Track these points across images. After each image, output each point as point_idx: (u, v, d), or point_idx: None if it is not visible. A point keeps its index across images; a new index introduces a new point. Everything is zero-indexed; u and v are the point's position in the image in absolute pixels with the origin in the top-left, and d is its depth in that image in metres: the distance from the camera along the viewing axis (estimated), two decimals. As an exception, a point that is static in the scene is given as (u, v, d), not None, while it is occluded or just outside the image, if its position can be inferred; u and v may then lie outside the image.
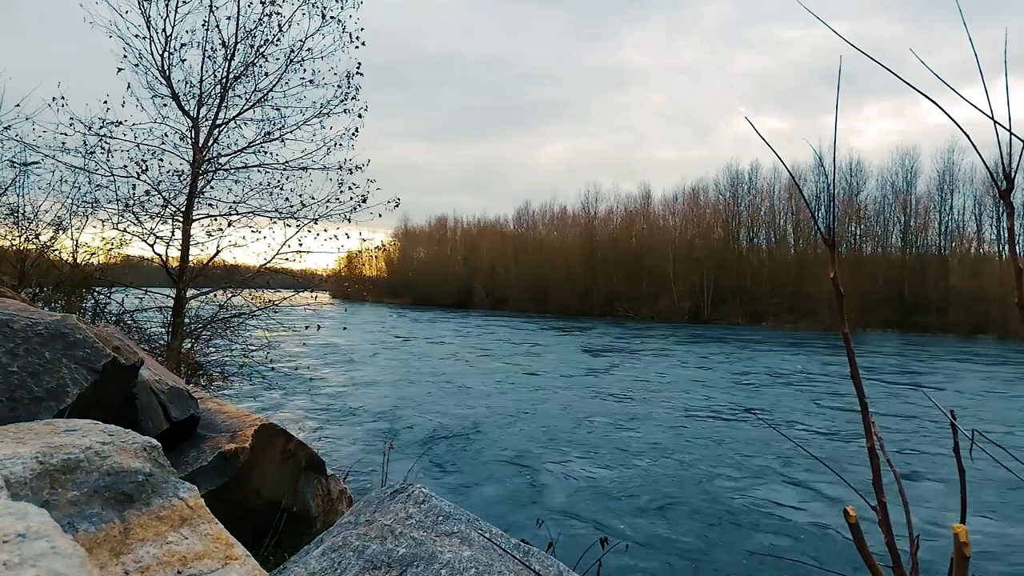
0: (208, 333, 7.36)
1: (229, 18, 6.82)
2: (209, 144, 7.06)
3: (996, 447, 0.80)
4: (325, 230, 7.36)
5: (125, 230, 6.86)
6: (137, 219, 6.86)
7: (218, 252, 7.32)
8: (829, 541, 5.08)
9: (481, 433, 8.50)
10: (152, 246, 6.93)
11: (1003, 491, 6.20)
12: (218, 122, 7.07)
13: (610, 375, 14.77)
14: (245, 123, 7.27)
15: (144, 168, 6.75)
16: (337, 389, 11.78)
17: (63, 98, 6.33)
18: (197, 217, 7.09)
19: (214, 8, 6.72)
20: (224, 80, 6.95)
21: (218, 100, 7.01)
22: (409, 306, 56.52)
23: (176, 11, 6.59)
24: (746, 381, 14.39)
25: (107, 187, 6.75)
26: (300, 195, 7.34)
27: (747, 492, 6.26)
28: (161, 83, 6.80)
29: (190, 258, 7.03)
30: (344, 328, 15.26)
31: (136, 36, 6.60)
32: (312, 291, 8.16)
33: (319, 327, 7.67)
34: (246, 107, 7.15)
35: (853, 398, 0.77)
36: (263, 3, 6.90)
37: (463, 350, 20.11)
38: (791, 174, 1.00)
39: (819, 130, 58.87)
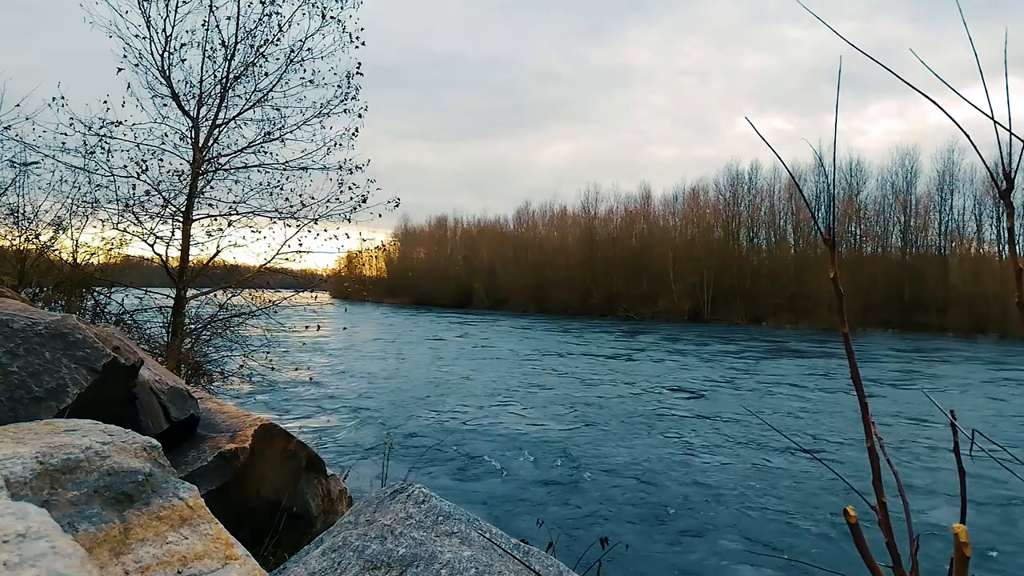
0: (208, 333, 7.36)
1: (229, 18, 6.83)
2: (209, 144, 7.06)
3: (996, 447, 0.80)
4: (325, 230, 7.37)
5: (125, 230, 6.86)
6: (137, 219, 6.86)
7: (218, 252, 7.33)
8: (829, 541, 5.07)
9: (481, 433, 8.50)
10: (152, 246, 6.94)
11: (1003, 491, 6.20)
12: (218, 122, 7.07)
13: (610, 375, 14.77)
14: (245, 123, 7.28)
15: (144, 168, 6.75)
16: (337, 389, 11.78)
17: (63, 98, 6.33)
18: (197, 217, 7.09)
19: (214, 8, 6.73)
20: (224, 80, 6.95)
21: (218, 100, 7.01)
22: (409, 306, 56.50)
23: (176, 11, 6.60)
24: (746, 380, 14.39)
25: (107, 187, 6.75)
26: (300, 195, 7.35)
27: (747, 492, 6.25)
28: (161, 83, 6.80)
29: (190, 258, 7.03)
30: (344, 328, 15.27)
31: (136, 36, 6.61)
32: (312, 291, 8.16)
33: (319, 327, 7.67)
34: (246, 107, 7.16)
35: (853, 398, 0.77)
36: (263, 3, 6.91)
37: (463, 350, 20.11)
38: (791, 174, 1.00)
39: (823, 130, 58.70)
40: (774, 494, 6.20)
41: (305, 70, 7.19)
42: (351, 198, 7.32)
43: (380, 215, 7.43)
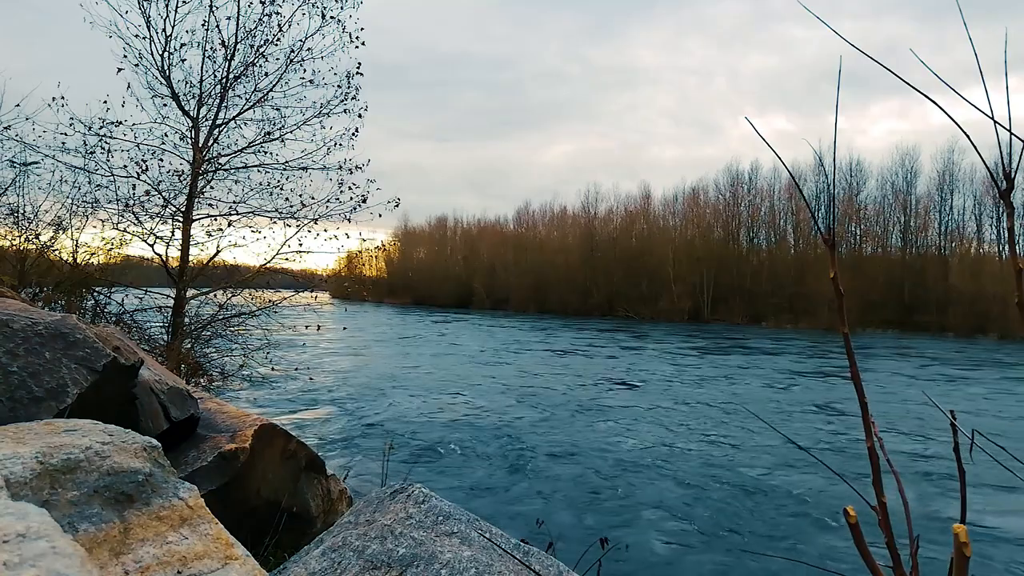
0: (208, 333, 7.37)
1: (229, 18, 6.83)
2: (209, 144, 7.07)
3: (996, 447, 0.79)
4: (325, 230, 7.38)
5: (125, 230, 6.87)
6: (137, 219, 6.87)
7: (218, 252, 7.34)
8: (829, 541, 5.07)
9: (481, 433, 8.49)
10: (152, 246, 6.95)
11: (1003, 491, 6.20)
12: (218, 122, 7.08)
13: (610, 374, 14.77)
14: (245, 123, 7.29)
15: (144, 168, 6.76)
16: (337, 389, 11.78)
17: (63, 98, 6.34)
18: (197, 217, 7.10)
19: (214, 8, 6.74)
20: (224, 80, 6.96)
21: (218, 100, 7.02)
22: (409, 306, 56.49)
23: (176, 11, 6.61)
24: (745, 380, 14.39)
25: (107, 187, 6.76)
26: (300, 195, 7.36)
27: (746, 492, 6.25)
28: (161, 83, 6.81)
29: (190, 258, 7.04)
30: (344, 328, 15.27)
31: (136, 36, 6.62)
32: (312, 291, 8.16)
33: (319, 327, 7.67)
34: (246, 107, 7.17)
35: (853, 398, 0.77)
36: (263, 3, 6.92)
37: (463, 350, 20.11)
38: (791, 174, 1.00)
39: (825, 130, 58.57)
40: (774, 493, 6.20)
41: (305, 70, 7.21)
42: (351, 198, 7.34)
43: (380, 215, 7.45)
